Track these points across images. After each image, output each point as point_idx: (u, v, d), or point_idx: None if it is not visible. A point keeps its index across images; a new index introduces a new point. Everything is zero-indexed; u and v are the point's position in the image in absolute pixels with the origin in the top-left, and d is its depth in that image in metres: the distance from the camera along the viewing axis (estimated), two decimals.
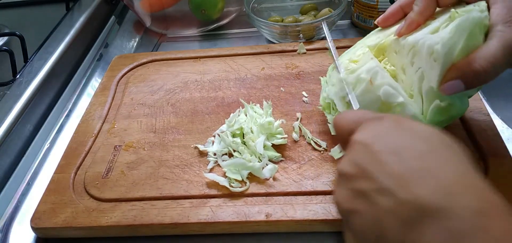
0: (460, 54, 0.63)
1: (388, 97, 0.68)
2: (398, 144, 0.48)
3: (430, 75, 0.66)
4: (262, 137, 0.80)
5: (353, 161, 0.50)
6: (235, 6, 1.31)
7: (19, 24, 1.31)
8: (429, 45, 0.65)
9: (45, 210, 0.75)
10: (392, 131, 0.50)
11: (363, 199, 0.47)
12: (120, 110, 0.96)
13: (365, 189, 0.47)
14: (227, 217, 0.70)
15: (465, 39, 0.63)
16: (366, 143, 0.49)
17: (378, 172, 0.46)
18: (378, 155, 0.47)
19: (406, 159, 0.46)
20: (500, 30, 0.62)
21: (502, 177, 0.70)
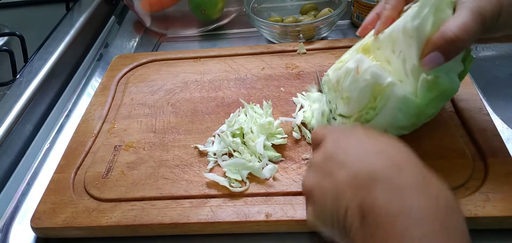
0: (432, 28, 0.65)
1: (376, 79, 0.70)
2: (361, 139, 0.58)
3: (410, 53, 0.68)
4: (262, 137, 0.80)
5: (323, 151, 0.59)
6: (235, 6, 1.30)
7: (19, 24, 1.32)
8: (403, 25, 0.69)
9: (45, 210, 0.75)
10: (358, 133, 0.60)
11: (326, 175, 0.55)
12: (120, 110, 0.96)
13: (329, 168, 0.55)
14: (227, 217, 0.70)
15: (433, 13, 0.65)
16: (335, 138, 0.59)
17: (341, 153, 0.56)
18: (343, 145, 0.57)
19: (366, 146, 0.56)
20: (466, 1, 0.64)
21: (502, 177, 0.70)
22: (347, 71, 0.74)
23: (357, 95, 0.72)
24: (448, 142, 0.77)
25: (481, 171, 0.72)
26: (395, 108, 0.69)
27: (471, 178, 0.71)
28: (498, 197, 0.67)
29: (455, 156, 0.74)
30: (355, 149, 0.56)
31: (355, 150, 0.55)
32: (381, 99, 0.70)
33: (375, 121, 0.72)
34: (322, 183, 0.56)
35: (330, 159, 0.56)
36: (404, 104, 0.69)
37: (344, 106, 0.76)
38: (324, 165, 0.57)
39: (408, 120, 0.71)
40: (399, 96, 0.69)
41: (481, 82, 0.94)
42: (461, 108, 0.83)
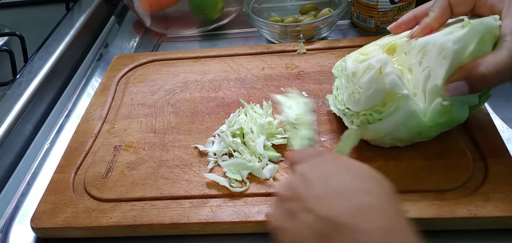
0: (469, 57, 0.65)
1: (394, 87, 0.69)
2: (328, 174, 0.55)
3: (437, 73, 0.68)
4: (262, 137, 0.80)
5: (289, 185, 0.57)
6: (235, 6, 1.30)
7: (19, 24, 1.31)
8: (441, 43, 0.67)
9: (45, 210, 0.75)
10: (326, 163, 0.57)
11: (291, 217, 0.53)
12: (120, 110, 0.96)
13: (294, 209, 0.54)
14: (227, 217, 0.70)
15: (476, 43, 0.64)
16: (303, 172, 0.56)
17: (305, 194, 0.53)
18: (310, 181, 0.54)
19: (331, 185, 0.53)
20: (508, 41, 0.64)
21: (502, 177, 0.70)
22: (368, 67, 0.72)
23: (370, 95, 0.71)
24: (448, 142, 0.77)
25: (481, 171, 0.72)
26: (401, 120, 0.70)
27: (471, 178, 0.71)
28: (498, 197, 0.67)
29: (455, 156, 0.74)
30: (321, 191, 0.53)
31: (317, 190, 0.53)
32: (390, 106, 0.70)
33: (376, 125, 0.72)
34: (285, 225, 0.54)
35: (295, 198, 0.54)
36: (411, 119, 0.70)
37: (351, 100, 0.76)
38: (289, 203, 0.55)
39: (409, 134, 0.72)
40: (408, 110, 0.69)
41: None
42: None
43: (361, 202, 0.50)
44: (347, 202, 0.50)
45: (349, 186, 0.52)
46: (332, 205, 0.50)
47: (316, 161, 0.58)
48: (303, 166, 0.58)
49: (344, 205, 0.49)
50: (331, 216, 0.49)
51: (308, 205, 0.52)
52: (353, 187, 0.52)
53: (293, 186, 0.56)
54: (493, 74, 0.63)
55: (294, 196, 0.54)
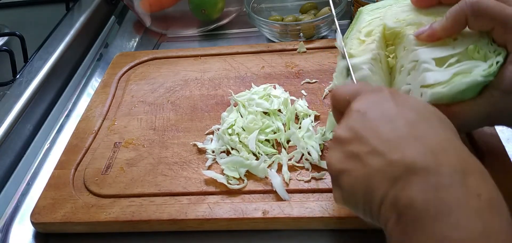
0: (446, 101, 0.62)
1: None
2: (392, 113, 0.52)
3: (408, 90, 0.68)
4: (254, 133, 0.80)
5: (349, 127, 0.54)
6: (235, 6, 1.31)
7: (19, 24, 1.31)
8: (423, 77, 0.64)
9: (45, 205, 0.75)
10: (387, 101, 0.54)
11: (355, 160, 0.51)
12: (121, 108, 0.96)
13: (358, 151, 0.51)
14: (224, 214, 0.70)
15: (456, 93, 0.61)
16: (363, 111, 0.53)
17: (371, 136, 0.51)
18: (373, 121, 0.52)
19: (398, 126, 0.50)
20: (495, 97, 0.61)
21: (499, 177, 0.69)
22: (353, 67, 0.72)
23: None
24: None
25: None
26: None
27: None
28: None
29: None
30: (385, 131, 0.50)
31: (385, 132, 0.50)
32: None
33: None
34: (351, 167, 0.52)
35: (359, 140, 0.52)
36: None
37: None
38: (352, 145, 0.52)
39: None
40: None
41: None
42: None
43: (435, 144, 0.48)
44: (420, 145, 0.48)
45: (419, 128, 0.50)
46: (404, 148, 0.48)
47: (375, 98, 0.55)
48: (360, 103, 0.55)
49: (417, 148, 0.48)
50: (404, 159, 0.47)
51: (376, 147, 0.50)
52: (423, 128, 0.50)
53: (354, 126, 0.53)
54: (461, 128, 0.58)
55: (357, 138, 0.52)
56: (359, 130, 0.52)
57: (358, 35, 0.77)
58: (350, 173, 0.52)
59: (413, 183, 0.46)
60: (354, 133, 0.53)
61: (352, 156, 0.52)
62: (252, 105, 0.86)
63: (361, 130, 0.52)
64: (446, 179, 0.45)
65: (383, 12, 0.79)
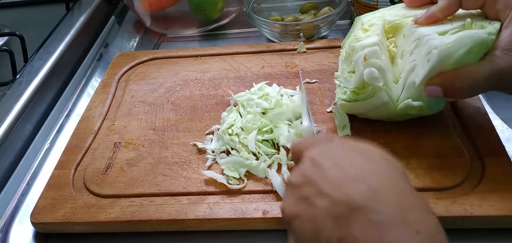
0: (452, 65, 0.67)
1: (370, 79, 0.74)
2: (339, 158, 0.54)
3: (418, 70, 0.71)
4: (253, 133, 0.80)
5: (300, 172, 0.56)
6: (235, 6, 1.31)
7: (19, 24, 1.32)
8: (429, 45, 0.69)
9: (45, 206, 0.75)
10: (336, 148, 0.57)
11: (305, 203, 0.53)
12: (121, 108, 0.96)
13: (307, 194, 0.53)
14: (224, 214, 0.70)
15: (462, 54, 0.66)
16: (313, 158, 0.56)
17: (319, 179, 0.53)
18: (321, 166, 0.54)
19: (344, 169, 0.52)
20: (496, 56, 0.65)
21: (498, 177, 0.70)
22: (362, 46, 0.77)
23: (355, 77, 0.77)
24: (446, 141, 0.77)
25: (478, 170, 0.72)
26: (373, 105, 0.76)
27: (468, 177, 0.71)
28: (494, 196, 0.67)
29: (453, 155, 0.74)
30: (331, 173, 0.52)
31: (331, 174, 0.52)
32: (366, 91, 0.76)
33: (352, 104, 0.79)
34: (301, 211, 0.53)
35: (307, 183, 0.54)
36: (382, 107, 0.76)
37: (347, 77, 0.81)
38: (302, 189, 0.54)
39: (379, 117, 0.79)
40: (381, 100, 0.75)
41: None
42: (459, 107, 0.83)
43: (377, 183, 0.50)
44: (362, 185, 0.49)
45: (363, 170, 0.52)
46: (347, 188, 0.50)
47: (325, 146, 0.58)
48: (312, 152, 0.57)
49: (359, 188, 0.49)
50: (347, 198, 0.49)
51: (322, 189, 0.51)
52: (367, 170, 0.52)
53: (304, 172, 0.55)
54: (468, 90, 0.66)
55: (307, 182, 0.54)
56: (309, 175, 0.54)
57: (362, 26, 0.83)
58: (300, 216, 0.53)
59: (355, 222, 0.47)
60: (305, 177, 0.55)
61: (302, 199, 0.54)
62: (252, 105, 0.86)
63: (310, 174, 0.54)
64: (386, 217, 0.46)
65: (382, 12, 0.85)
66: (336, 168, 0.53)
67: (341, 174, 0.52)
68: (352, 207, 0.48)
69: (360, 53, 0.76)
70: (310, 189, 0.53)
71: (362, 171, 0.52)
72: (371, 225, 0.46)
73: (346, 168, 0.52)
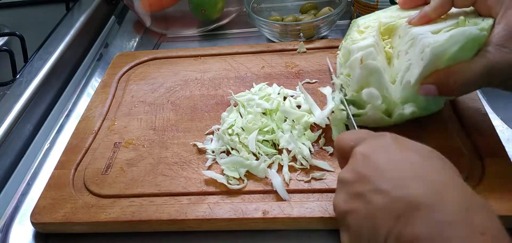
0: (446, 62, 0.68)
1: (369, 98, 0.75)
2: (394, 155, 0.54)
3: (413, 70, 0.71)
4: (253, 133, 0.80)
5: (353, 169, 0.56)
6: (235, 6, 1.31)
7: (19, 24, 1.31)
8: (423, 44, 0.70)
9: (45, 206, 0.75)
10: (389, 145, 0.56)
11: (359, 199, 0.53)
12: (121, 108, 0.96)
13: (362, 191, 0.53)
14: (224, 214, 0.70)
15: (455, 51, 0.67)
16: (366, 154, 0.56)
17: (374, 176, 0.53)
18: (376, 163, 0.54)
19: (401, 167, 0.52)
20: (489, 52, 0.66)
21: (498, 177, 0.70)
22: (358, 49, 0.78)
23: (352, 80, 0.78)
24: (446, 141, 0.77)
25: (478, 170, 0.72)
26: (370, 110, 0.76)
27: (468, 178, 0.71)
28: (494, 196, 0.67)
29: (453, 155, 0.73)
30: (388, 171, 0.52)
31: (390, 172, 0.52)
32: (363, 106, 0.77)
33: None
34: (355, 207, 0.54)
35: (362, 180, 0.54)
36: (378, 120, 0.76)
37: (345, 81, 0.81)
38: (356, 186, 0.54)
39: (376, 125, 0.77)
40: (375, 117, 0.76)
41: None
42: (459, 108, 0.83)
43: (438, 182, 0.50)
44: (423, 183, 0.49)
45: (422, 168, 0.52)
46: (407, 186, 0.50)
47: (378, 143, 0.58)
48: (364, 148, 0.57)
49: (421, 186, 0.49)
50: (408, 196, 0.49)
51: (379, 186, 0.51)
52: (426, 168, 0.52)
53: (358, 168, 0.56)
54: (462, 86, 0.67)
55: (361, 179, 0.54)
56: (363, 171, 0.54)
57: (357, 28, 0.83)
58: (355, 212, 0.53)
59: (417, 220, 0.47)
60: (358, 174, 0.55)
61: (356, 196, 0.54)
62: (252, 105, 0.86)
63: (365, 171, 0.54)
64: (450, 217, 0.46)
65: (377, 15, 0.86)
66: (392, 165, 0.53)
67: (399, 172, 0.52)
68: (413, 205, 0.48)
69: (356, 55, 0.77)
70: (364, 186, 0.53)
71: (420, 169, 0.52)
72: (434, 224, 0.46)
73: (403, 166, 0.53)
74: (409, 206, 0.48)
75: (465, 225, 0.45)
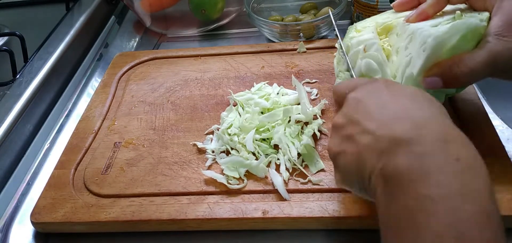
0: (447, 53, 0.67)
1: (368, 70, 0.76)
2: (384, 99, 0.57)
3: (415, 62, 0.70)
4: (251, 133, 0.80)
5: (345, 113, 0.59)
6: (235, 6, 1.31)
7: (19, 24, 1.31)
8: (423, 35, 0.70)
9: (45, 205, 0.75)
10: (381, 90, 0.59)
11: (349, 141, 0.57)
12: (121, 107, 0.96)
13: (351, 133, 0.56)
14: (224, 214, 0.70)
15: (457, 41, 0.67)
16: (358, 99, 0.59)
17: (363, 118, 0.56)
18: (366, 106, 0.57)
19: (389, 109, 0.55)
20: (490, 42, 0.66)
21: (499, 177, 0.69)
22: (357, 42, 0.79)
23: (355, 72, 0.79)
24: None
25: None
26: None
27: None
28: None
29: None
30: (376, 114, 0.55)
31: (376, 114, 0.55)
32: None
33: None
34: (345, 148, 0.57)
35: (352, 123, 0.57)
36: None
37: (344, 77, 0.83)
38: (346, 129, 0.57)
39: None
40: None
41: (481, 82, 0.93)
42: (459, 108, 0.83)
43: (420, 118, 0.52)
44: (406, 122, 0.52)
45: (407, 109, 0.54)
46: (392, 125, 0.52)
47: (370, 87, 0.60)
48: (357, 93, 0.60)
49: (404, 124, 0.52)
50: (391, 134, 0.51)
51: (366, 127, 0.54)
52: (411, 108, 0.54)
53: (348, 113, 0.59)
54: (466, 75, 0.66)
55: (351, 122, 0.57)
56: (353, 115, 0.58)
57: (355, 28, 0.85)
58: (345, 153, 0.57)
59: (398, 153, 0.50)
60: (349, 118, 0.58)
61: (347, 138, 0.57)
62: (250, 104, 0.86)
63: (355, 114, 0.57)
64: (428, 147, 0.49)
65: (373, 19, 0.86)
66: (381, 108, 0.56)
67: (386, 113, 0.55)
68: (396, 142, 0.50)
69: (356, 49, 0.78)
70: (354, 128, 0.56)
71: (407, 110, 0.54)
72: (414, 155, 0.49)
73: (391, 108, 0.55)
74: (391, 142, 0.51)
75: (441, 153, 0.48)
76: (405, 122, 0.52)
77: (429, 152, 0.48)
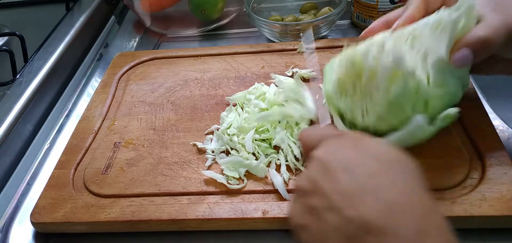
0: (460, 32, 0.66)
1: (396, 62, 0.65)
2: (351, 162, 0.51)
3: (437, 48, 0.67)
4: (250, 133, 0.80)
5: (309, 177, 0.53)
6: (235, 6, 1.31)
7: (19, 24, 1.31)
8: (434, 21, 0.68)
9: (45, 205, 0.75)
10: (348, 149, 0.53)
11: (313, 215, 0.50)
12: (121, 108, 0.96)
13: (316, 206, 0.50)
14: (224, 214, 0.70)
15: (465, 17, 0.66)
16: (323, 160, 0.53)
17: (329, 189, 0.49)
18: (332, 172, 0.50)
19: (356, 177, 0.49)
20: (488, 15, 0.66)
21: (498, 177, 0.70)
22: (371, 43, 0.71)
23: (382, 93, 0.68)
24: (446, 141, 0.76)
25: (478, 170, 0.72)
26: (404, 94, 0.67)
27: (468, 177, 0.71)
28: (494, 196, 0.67)
29: (453, 155, 0.74)
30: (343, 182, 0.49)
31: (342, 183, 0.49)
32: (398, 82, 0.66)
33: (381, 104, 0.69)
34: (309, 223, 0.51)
35: (316, 192, 0.51)
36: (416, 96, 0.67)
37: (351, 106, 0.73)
38: (311, 199, 0.51)
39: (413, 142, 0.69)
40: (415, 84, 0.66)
41: (481, 82, 0.93)
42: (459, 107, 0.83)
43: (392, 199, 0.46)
44: (376, 201, 0.46)
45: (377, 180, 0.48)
46: (360, 203, 0.47)
47: (335, 143, 0.55)
48: (321, 151, 0.54)
49: (374, 205, 0.46)
50: (360, 217, 0.46)
51: (333, 203, 0.48)
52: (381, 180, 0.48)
53: (313, 177, 0.52)
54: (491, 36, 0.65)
55: (315, 190, 0.51)
56: (318, 181, 0.51)
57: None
58: (308, 229, 0.51)
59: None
60: (313, 184, 0.52)
61: (310, 210, 0.51)
62: (250, 105, 0.86)
63: (319, 180, 0.51)
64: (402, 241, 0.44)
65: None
66: (348, 175, 0.49)
67: (353, 184, 0.49)
68: (366, 228, 0.45)
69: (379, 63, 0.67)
70: (319, 200, 0.50)
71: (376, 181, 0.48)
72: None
73: (358, 175, 0.49)
74: (360, 228, 0.45)
75: None
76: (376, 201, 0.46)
77: None
